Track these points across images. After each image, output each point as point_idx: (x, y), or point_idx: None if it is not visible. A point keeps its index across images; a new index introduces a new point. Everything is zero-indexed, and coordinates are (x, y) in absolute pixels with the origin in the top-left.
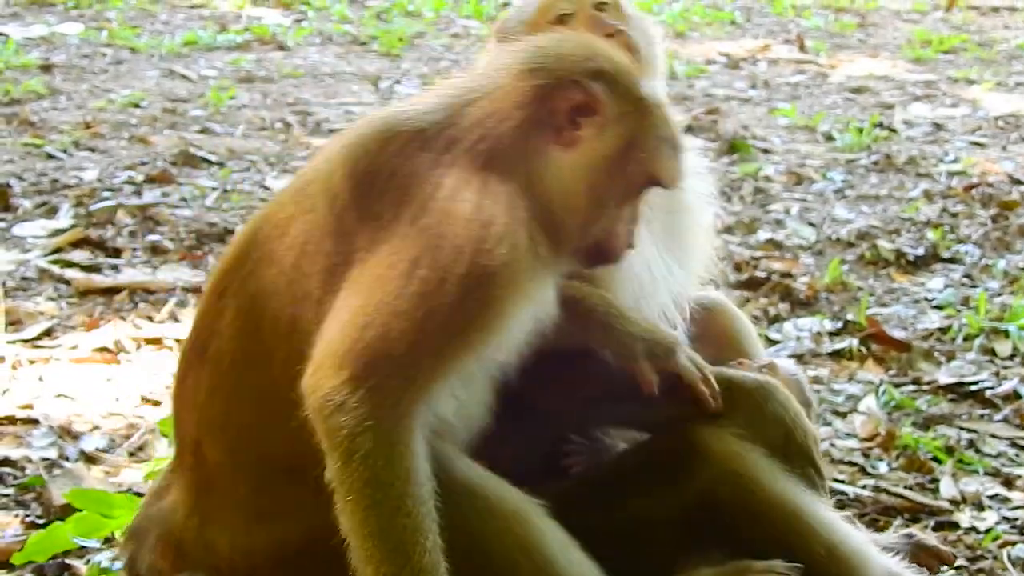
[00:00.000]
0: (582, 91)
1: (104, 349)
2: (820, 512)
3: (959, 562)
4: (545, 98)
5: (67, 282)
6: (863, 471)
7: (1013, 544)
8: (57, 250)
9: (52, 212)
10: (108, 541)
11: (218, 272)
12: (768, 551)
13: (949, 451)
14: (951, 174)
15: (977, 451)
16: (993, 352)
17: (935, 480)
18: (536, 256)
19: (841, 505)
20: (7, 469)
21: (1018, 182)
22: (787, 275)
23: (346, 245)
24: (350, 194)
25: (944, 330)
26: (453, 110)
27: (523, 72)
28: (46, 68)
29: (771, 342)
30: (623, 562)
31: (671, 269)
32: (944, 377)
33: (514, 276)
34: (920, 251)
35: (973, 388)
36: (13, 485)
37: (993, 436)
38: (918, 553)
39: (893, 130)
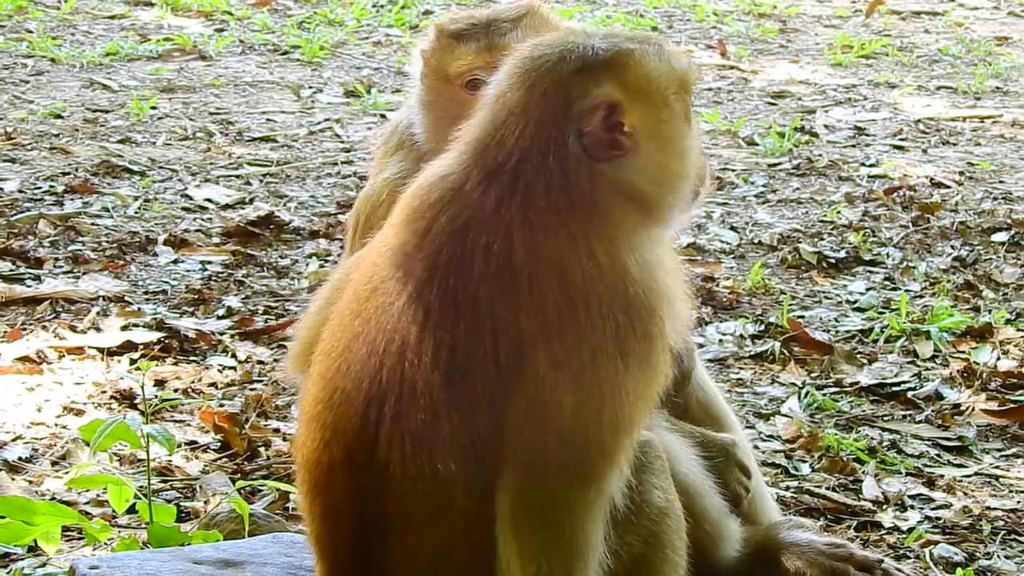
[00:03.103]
0: (601, 101)
1: (26, 359)
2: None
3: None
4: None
5: None
6: (786, 472)
7: (935, 543)
8: None
9: None
10: (31, 549)
11: None
12: None
13: (871, 452)
14: (872, 177)
15: (899, 452)
16: (915, 353)
17: (858, 481)
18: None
19: None
20: None
21: (939, 185)
22: (709, 279)
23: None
24: None
25: (866, 332)
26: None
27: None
28: None
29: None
30: None
31: None
32: (866, 379)
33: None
34: (842, 254)
35: (895, 389)
36: None
37: (915, 437)
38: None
39: (814, 134)
